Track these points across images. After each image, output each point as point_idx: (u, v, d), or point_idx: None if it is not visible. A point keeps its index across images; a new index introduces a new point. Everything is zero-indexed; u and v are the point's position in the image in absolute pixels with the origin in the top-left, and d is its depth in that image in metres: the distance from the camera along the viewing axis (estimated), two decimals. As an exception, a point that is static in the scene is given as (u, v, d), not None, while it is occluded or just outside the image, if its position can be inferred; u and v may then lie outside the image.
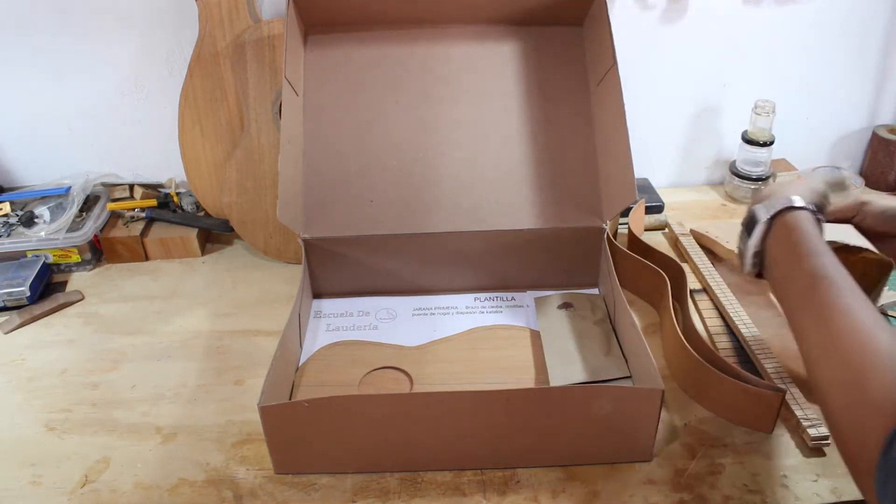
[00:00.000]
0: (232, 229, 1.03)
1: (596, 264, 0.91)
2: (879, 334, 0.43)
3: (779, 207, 0.54)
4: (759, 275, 0.57)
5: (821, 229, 0.55)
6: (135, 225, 1.05)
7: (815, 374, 0.46)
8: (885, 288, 0.88)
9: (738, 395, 0.70)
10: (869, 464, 0.38)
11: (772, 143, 1.10)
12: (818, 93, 1.16)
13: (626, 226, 1.00)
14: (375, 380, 0.79)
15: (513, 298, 0.91)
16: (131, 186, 1.10)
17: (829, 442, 0.69)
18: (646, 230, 1.07)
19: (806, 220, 0.54)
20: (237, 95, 0.98)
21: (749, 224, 0.56)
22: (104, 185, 1.11)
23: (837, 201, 0.64)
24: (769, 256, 0.54)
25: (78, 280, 1.01)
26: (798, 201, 0.55)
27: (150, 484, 0.68)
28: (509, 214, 0.88)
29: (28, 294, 0.93)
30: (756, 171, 1.12)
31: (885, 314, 0.83)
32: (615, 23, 0.86)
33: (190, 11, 0.96)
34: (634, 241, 0.96)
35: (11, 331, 0.90)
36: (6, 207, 1.04)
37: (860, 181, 1.16)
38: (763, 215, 0.54)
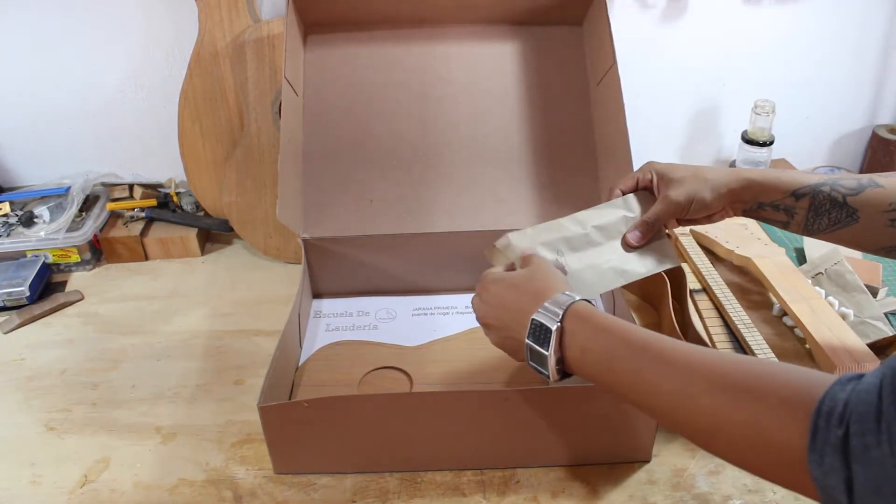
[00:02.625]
0: (232, 229, 1.03)
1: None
2: (729, 355, 0.47)
3: (564, 308, 0.53)
4: (566, 375, 0.55)
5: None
6: (134, 225, 1.05)
7: (688, 419, 0.46)
8: (884, 292, 0.88)
9: (737, 395, 0.70)
10: (798, 456, 0.40)
11: (772, 142, 1.10)
12: (818, 93, 1.16)
13: (626, 226, 0.99)
14: (375, 380, 0.79)
15: (513, 298, 0.91)
16: (131, 186, 1.10)
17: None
18: (646, 230, 1.07)
19: (587, 306, 0.54)
20: (237, 95, 0.98)
21: (539, 336, 0.54)
22: (104, 184, 1.11)
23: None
24: (571, 352, 0.53)
25: (78, 280, 1.01)
26: (568, 293, 0.55)
27: (150, 484, 0.68)
28: (509, 214, 0.88)
29: (28, 294, 0.93)
30: (756, 170, 1.12)
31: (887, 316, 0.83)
32: (615, 22, 0.86)
33: (190, 11, 0.96)
34: (634, 241, 0.96)
35: (11, 330, 0.90)
36: (6, 207, 1.04)
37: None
38: (552, 323, 0.53)
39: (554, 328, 0.53)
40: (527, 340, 0.55)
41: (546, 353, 0.53)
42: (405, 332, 0.86)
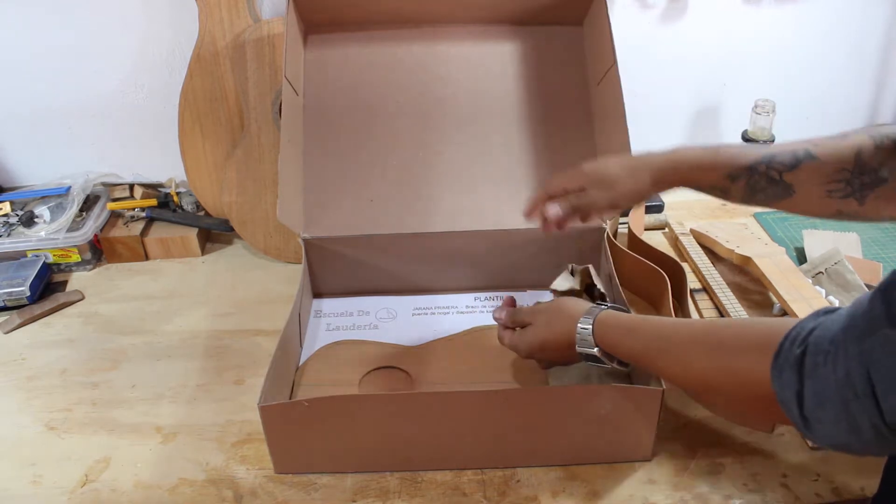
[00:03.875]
0: (232, 229, 1.03)
1: (596, 264, 0.91)
2: (712, 322, 0.57)
3: (589, 341, 0.63)
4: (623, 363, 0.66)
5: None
6: (135, 224, 1.05)
7: (690, 384, 0.55)
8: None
9: (737, 395, 0.70)
10: (765, 376, 0.45)
11: (772, 142, 1.10)
12: (818, 93, 1.16)
13: (626, 225, 1.00)
14: (375, 379, 0.79)
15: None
16: (131, 186, 1.10)
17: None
18: (646, 230, 1.07)
19: (607, 318, 0.63)
20: (237, 95, 0.98)
21: (588, 357, 0.64)
22: (104, 184, 1.11)
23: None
24: (614, 352, 0.63)
25: (78, 280, 1.01)
26: (583, 323, 0.63)
27: (150, 483, 0.68)
28: (509, 214, 0.88)
29: (28, 294, 0.93)
30: (756, 170, 1.12)
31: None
32: (615, 22, 0.86)
33: (190, 11, 0.96)
34: (634, 241, 0.96)
35: (11, 330, 0.90)
36: (6, 207, 1.04)
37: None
38: (592, 347, 0.63)
39: (595, 350, 0.63)
40: (586, 363, 0.66)
41: (605, 365, 0.64)
42: (405, 332, 0.86)
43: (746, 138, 1.11)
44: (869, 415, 0.40)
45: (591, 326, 0.63)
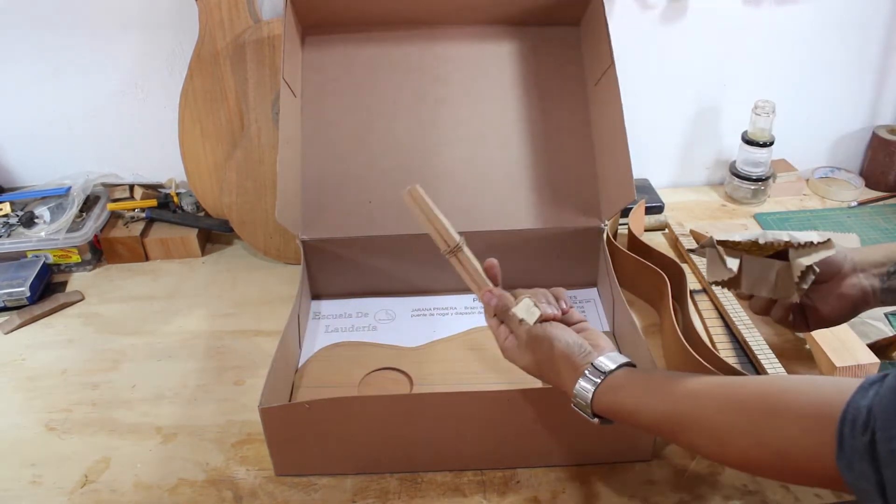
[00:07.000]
0: (232, 229, 1.03)
1: (595, 264, 0.92)
2: (747, 387, 0.49)
3: (593, 390, 0.55)
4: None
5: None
6: (135, 225, 1.05)
7: (726, 458, 0.49)
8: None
9: (737, 396, 0.70)
10: (828, 465, 0.42)
11: (772, 143, 1.10)
12: (818, 93, 1.16)
13: (626, 226, 1.00)
14: (375, 381, 0.79)
15: (512, 299, 0.91)
16: (131, 186, 1.10)
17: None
18: (646, 230, 1.07)
19: (612, 385, 0.55)
20: (237, 95, 0.98)
21: (581, 408, 0.57)
22: (104, 185, 1.11)
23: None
24: (626, 422, 0.56)
25: (78, 280, 1.01)
26: (596, 367, 0.56)
27: (150, 484, 0.68)
28: (508, 214, 0.88)
29: (28, 294, 0.93)
30: (756, 171, 1.12)
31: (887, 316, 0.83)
32: (615, 23, 0.86)
33: (190, 11, 0.96)
34: (634, 242, 0.96)
35: (12, 331, 0.90)
36: (6, 208, 1.04)
37: (860, 181, 1.16)
38: (591, 418, 0.56)
39: (594, 421, 0.56)
40: (574, 409, 0.58)
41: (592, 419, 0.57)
42: (404, 333, 0.86)
43: (746, 139, 1.11)
44: None
45: (590, 395, 0.55)
